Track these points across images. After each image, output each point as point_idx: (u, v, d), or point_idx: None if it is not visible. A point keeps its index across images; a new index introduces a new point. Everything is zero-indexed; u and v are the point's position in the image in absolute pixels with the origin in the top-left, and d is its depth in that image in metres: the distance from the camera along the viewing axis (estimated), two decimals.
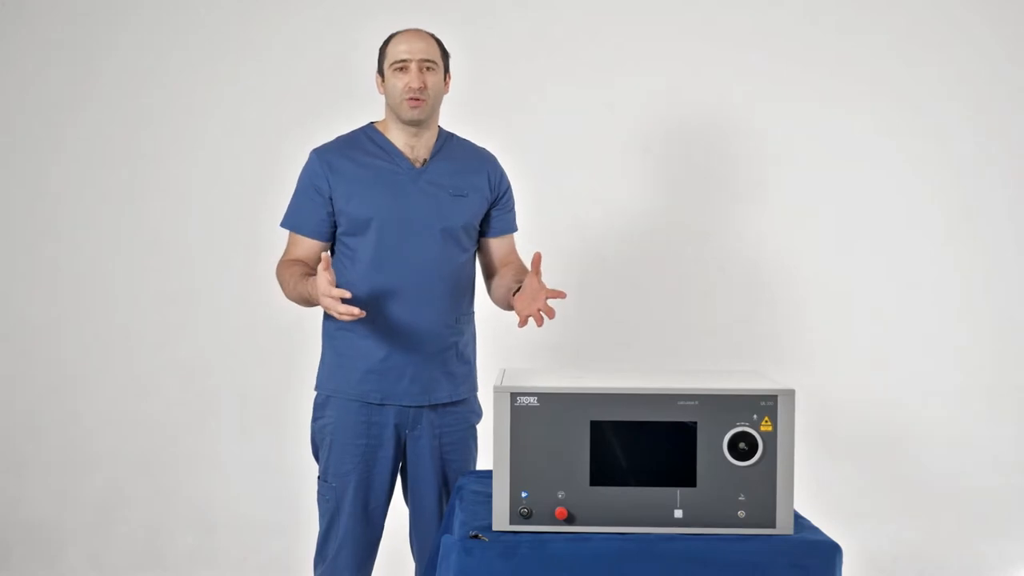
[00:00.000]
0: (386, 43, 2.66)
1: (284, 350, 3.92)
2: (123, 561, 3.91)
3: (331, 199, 2.63)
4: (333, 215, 2.65)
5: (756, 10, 3.85)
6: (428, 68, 2.59)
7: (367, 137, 2.69)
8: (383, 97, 2.68)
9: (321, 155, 2.66)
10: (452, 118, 2.84)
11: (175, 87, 3.93)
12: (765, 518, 1.97)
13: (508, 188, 2.79)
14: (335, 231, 2.68)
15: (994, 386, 3.86)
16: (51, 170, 3.95)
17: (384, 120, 2.71)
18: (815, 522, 2.12)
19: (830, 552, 1.94)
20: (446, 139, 2.73)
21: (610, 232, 3.86)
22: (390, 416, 2.65)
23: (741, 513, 1.97)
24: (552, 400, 1.98)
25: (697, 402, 1.97)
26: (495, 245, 2.78)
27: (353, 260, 2.63)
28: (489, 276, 2.80)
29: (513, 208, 2.81)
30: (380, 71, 2.67)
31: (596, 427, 1.97)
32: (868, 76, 3.84)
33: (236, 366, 3.93)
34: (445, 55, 2.67)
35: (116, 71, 3.93)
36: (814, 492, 2.92)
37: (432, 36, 2.65)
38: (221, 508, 3.93)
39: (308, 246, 2.69)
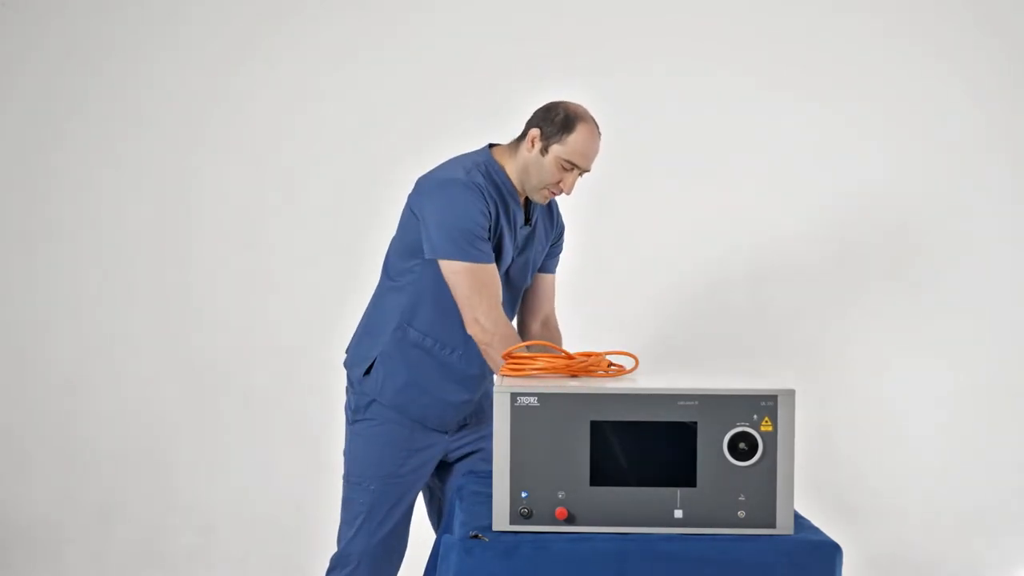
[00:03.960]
0: (571, 126, 2.54)
1: (284, 350, 3.92)
2: (123, 561, 3.91)
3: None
4: None
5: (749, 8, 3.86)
6: (581, 174, 2.59)
7: (499, 177, 2.58)
8: (524, 148, 2.57)
9: (482, 189, 2.52)
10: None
11: (170, 86, 3.93)
12: (765, 518, 1.97)
13: (562, 231, 2.83)
14: None
15: (994, 386, 3.86)
16: (51, 169, 3.95)
17: (507, 158, 2.61)
18: (815, 522, 2.12)
19: (830, 552, 1.94)
20: None
21: (608, 232, 3.86)
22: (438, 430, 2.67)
23: (741, 513, 1.97)
24: (552, 400, 1.98)
25: (697, 402, 1.97)
26: (539, 282, 2.81)
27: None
28: (524, 322, 2.83)
29: (560, 249, 2.85)
30: (546, 139, 2.54)
31: (596, 427, 1.97)
32: (865, 76, 3.85)
33: (236, 366, 3.93)
34: None
35: (115, 71, 3.94)
36: (814, 492, 2.92)
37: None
38: (221, 508, 3.93)
39: (498, 277, 2.54)
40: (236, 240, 3.93)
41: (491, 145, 2.66)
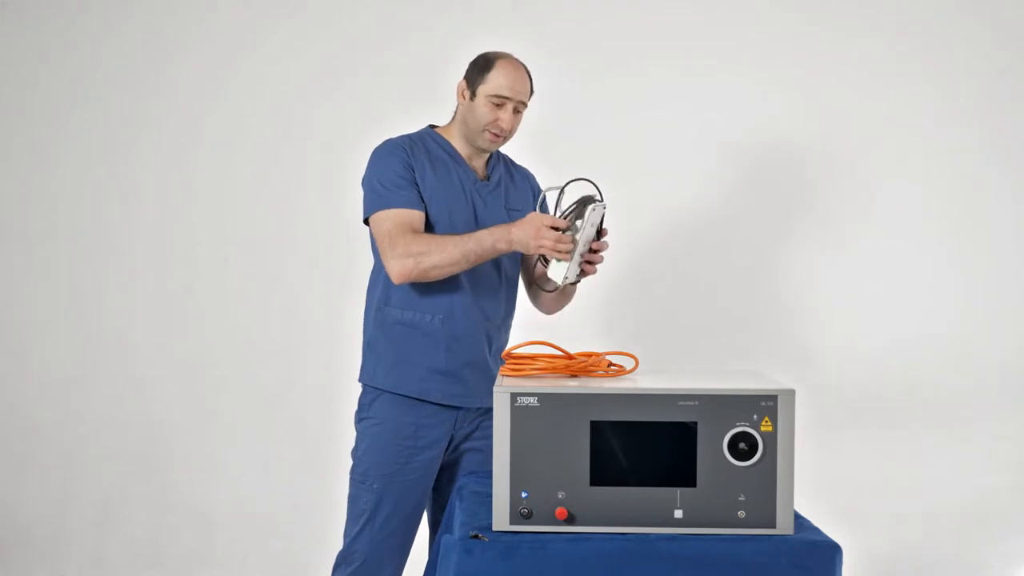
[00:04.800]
0: (490, 65, 2.61)
1: (284, 350, 3.92)
2: (123, 561, 3.91)
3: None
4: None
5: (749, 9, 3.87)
6: (518, 110, 2.63)
7: (433, 141, 2.68)
8: (459, 105, 2.66)
9: (403, 145, 2.62)
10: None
11: (174, 86, 3.94)
12: (765, 518, 1.97)
13: (544, 200, 2.84)
14: None
15: (994, 386, 3.86)
16: (51, 170, 3.95)
17: (448, 127, 2.71)
18: (815, 522, 2.12)
19: (830, 552, 1.94)
20: (497, 157, 2.79)
21: (607, 232, 3.86)
22: (444, 419, 2.65)
23: (741, 513, 1.97)
24: (552, 400, 1.98)
25: (697, 402, 1.97)
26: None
27: None
28: (529, 284, 2.84)
29: None
30: (471, 86, 2.62)
31: (596, 427, 1.97)
32: (866, 76, 3.85)
33: (236, 366, 3.93)
34: (531, 94, 2.69)
35: (115, 71, 3.94)
36: (814, 492, 2.92)
37: (529, 76, 2.66)
38: (221, 508, 3.93)
39: (420, 221, 2.56)
40: (236, 240, 3.93)
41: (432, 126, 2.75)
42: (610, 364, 2.25)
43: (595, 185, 2.45)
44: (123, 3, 3.94)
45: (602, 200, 2.42)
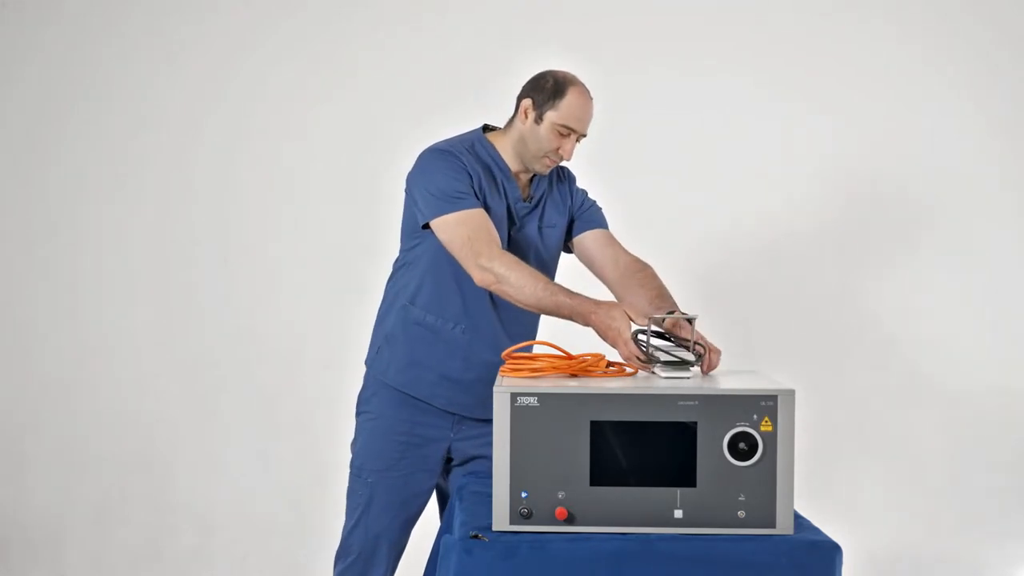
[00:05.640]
0: (562, 91, 2.54)
1: (284, 350, 3.92)
2: (123, 561, 3.91)
3: None
4: None
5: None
6: (579, 139, 2.59)
7: (486, 152, 2.61)
8: (517, 121, 2.58)
9: (458, 154, 2.54)
10: None
11: (174, 86, 3.94)
12: (765, 518, 1.97)
13: (583, 196, 2.79)
14: None
15: (994, 386, 3.86)
16: (51, 170, 3.95)
17: (502, 138, 2.62)
18: (815, 522, 2.12)
19: (830, 552, 1.94)
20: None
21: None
22: (442, 421, 2.64)
23: (741, 513, 1.97)
24: (552, 400, 1.98)
25: (697, 402, 1.97)
26: (588, 241, 2.75)
27: (454, 267, 2.54)
28: (607, 280, 2.75)
29: (594, 208, 2.80)
30: (539, 108, 2.54)
31: (596, 427, 1.97)
32: (866, 76, 3.85)
33: (236, 366, 3.93)
34: None
35: (115, 71, 3.94)
36: (814, 492, 2.92)
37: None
38: (221, 508, 3.93)
39: (491, 223, 2.50)
40: (236, 240, 3.93)
41: (486, 128, 2.67)
42: (610, 364, 2.25)
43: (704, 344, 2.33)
44: (123, 3, 3.94)
45: (700, 361, 2.28)
